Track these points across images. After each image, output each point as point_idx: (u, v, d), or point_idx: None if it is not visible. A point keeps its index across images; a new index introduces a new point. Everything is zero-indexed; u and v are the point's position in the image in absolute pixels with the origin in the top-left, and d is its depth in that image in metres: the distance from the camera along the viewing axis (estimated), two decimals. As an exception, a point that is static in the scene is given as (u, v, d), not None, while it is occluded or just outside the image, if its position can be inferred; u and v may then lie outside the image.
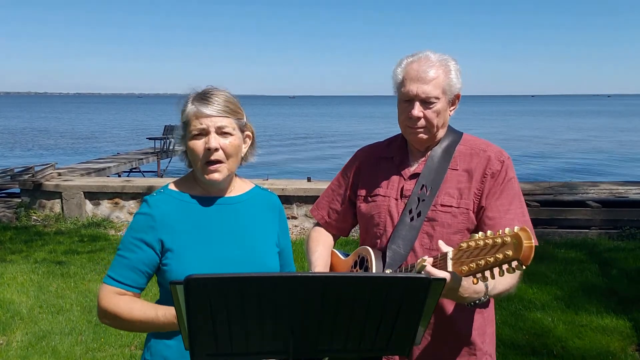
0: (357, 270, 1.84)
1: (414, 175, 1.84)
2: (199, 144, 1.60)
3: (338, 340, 1.21)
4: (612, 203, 7.79)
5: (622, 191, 8.18)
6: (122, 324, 1.59)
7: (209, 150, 1.59)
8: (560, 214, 7.52)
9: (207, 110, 1.58)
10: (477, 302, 1.61)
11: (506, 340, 4.22)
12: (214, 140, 1.59)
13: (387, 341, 1.23)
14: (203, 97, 1.61)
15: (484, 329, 1.86)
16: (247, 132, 1.70)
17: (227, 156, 1.62)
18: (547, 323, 4.57)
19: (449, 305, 1.78)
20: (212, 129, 1.59)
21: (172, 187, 1.71)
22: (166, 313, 1.53)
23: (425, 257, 1.55)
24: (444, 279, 1.21)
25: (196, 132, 1.59)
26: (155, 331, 1.62)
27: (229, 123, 1.61)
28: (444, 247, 1.51)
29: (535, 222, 7.47)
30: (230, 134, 1.62)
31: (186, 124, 1.62)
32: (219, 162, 1.61)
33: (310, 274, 1.21)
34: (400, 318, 1.19)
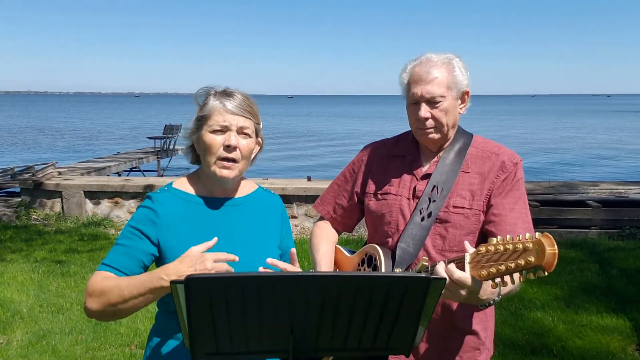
0: (364, 269, 1.84)
1: (427, 176, 1.84)
2: (217, 139, 1.60)
3: (338, 339, 1.21)
4: (612, 203, 7.79)
5: (622, 191, 8.18)
6: (107, 297, 1.49)
7: (227, 147, 1.59)
8: (561, 213, 7.52)
9: (233, 107, 1.59)
10: (492, 302, 1.63)
11: (506, 339, 4.22)
12: (235, 138, 1.59)
13: (387, 341, 1.23)
14: (228, 94, 1.62)
15: (487, 323, 1.89)
16: (259, 139, 1.72)
17: (242, 157, 1.63)
18: (547, 323, 4.57)
19: (455, 303, 1.78)
20: (234, 127, 1.60)
21: (176, 185, 1.70)
22: (153, 270, 1.49)
23: (426, 257, 1.56)
24: (444, 279, 1.22)
25: (217, 128, 1.59)
26: (142, 299, 1.46)
27: (250, 125, 1.63)
28: (469, 247, 1.51)
29: (536, 222, 7.44)
30: (249, 136, 1.63)
31: (205, 117, 1.61)
32: (233, 160, 1.62)
33: (311, 274, 1.21)
34: (400, 318, 1.19)
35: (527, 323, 4.57)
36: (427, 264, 1.57)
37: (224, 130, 1.60)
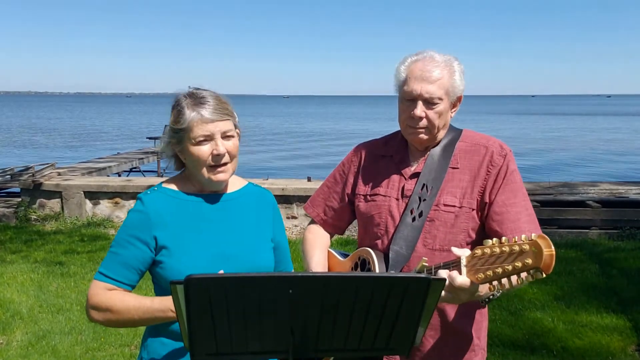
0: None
1: (415, 175, 1.81)
2: (204, 150, 1.60)
3: (338, 340, 1.21)
4: (612, 203, 7.79)
5: (622, 191, 8.18)
6: (115, 316, 1.57)
7: (217, 157, 1.60)
8: (561, 214, 7.52)
9: (211, 115, 1.59)
10: (492, 297, 1.61)
11: (506, 339, 4.21)
12: (222, 146, 1.60)
13: (387, 341, 1.23)
14: (201, 101, 1.60)
15: (481, 324, 1.87)
16: (237, 130, 1.71)
17: (231, 157, 1.64)
18: (547, 323, 4.56)
19: (449, 305, 1.77)
20: (218, 135, 1.60)
21: (165, 185, 1.71)
22: (162, 300, 1.54)
23: (425, 258, 1.54)
24: (444, 279, 1.21)
25: (202, 139, 1.59)
26: (150, 323, 1.60)
27: (230, 125, 1.63)
28: (458, 251, 1.49)
29: (536, 222, 7.47)
30: (232, 136, 1.64)
31: (185, 130, 1.60)
32: (224, 164, 1.63)
33: (311, 274, 1.21)
34: (400, 318, 1.19)
35: (527, 323, 4.56)
36: (426, 264, 1.56)
37: (208, 139, 1.60)
